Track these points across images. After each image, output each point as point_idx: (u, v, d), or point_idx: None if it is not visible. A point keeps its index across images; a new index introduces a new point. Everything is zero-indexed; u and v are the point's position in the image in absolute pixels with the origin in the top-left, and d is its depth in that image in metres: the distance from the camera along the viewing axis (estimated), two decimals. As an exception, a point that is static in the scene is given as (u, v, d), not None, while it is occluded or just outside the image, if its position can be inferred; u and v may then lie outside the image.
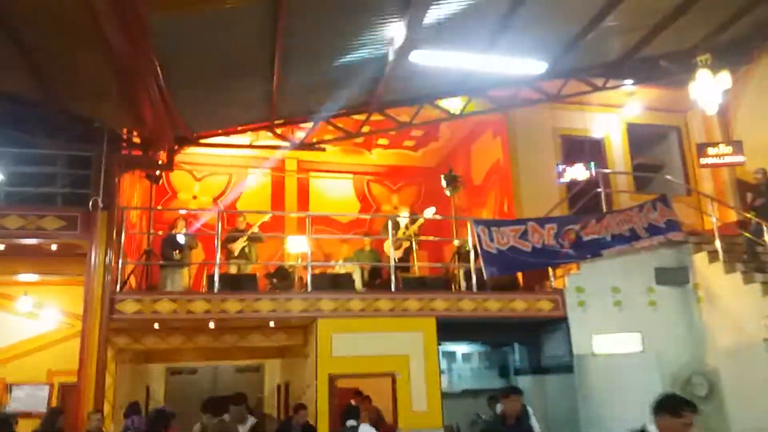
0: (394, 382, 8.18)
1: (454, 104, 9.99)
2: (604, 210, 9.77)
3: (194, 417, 7.18)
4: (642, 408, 7.82)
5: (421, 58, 6.84)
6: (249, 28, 6.54)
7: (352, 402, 8.82)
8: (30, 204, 7.57)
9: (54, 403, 9.03)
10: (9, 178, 7.73)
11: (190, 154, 11.88)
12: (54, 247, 7.85)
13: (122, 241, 7.95)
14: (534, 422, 6.78)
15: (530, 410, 7.91)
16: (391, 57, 7.55)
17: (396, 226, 10.00)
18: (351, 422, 6.63)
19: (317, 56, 7.40)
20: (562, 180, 9.98)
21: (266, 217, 10.23)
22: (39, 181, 7.80)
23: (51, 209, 7.59)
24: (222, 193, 12.53)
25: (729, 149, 10.21)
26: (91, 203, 6.60)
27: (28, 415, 8.62)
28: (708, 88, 8.40)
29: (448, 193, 10.46)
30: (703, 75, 8.42)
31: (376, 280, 9.78)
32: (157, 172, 9.26)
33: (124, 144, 8.36)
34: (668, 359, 8.56)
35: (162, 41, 6.08)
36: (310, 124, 9.50)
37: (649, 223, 9.43)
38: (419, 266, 10.42)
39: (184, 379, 11.65)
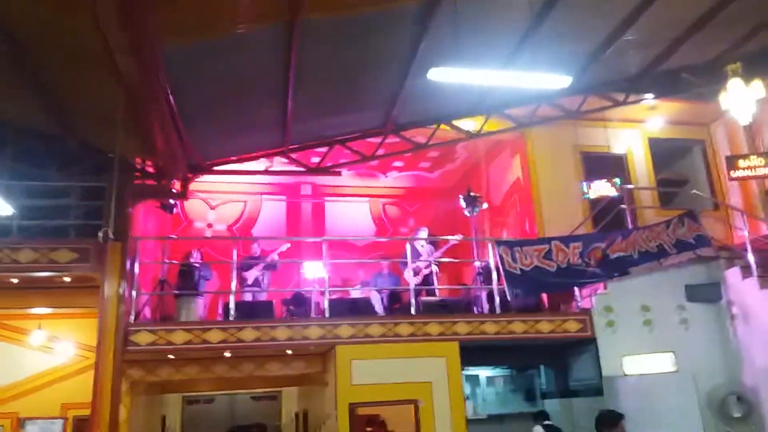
0: (417, 410, 7.87)
1: (470, 124, 9.82)
2: (630, 227, 9.46)
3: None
4: (678, 430, 7.56)
5: (440, 75, 6.66)
6: (261, 52, 6.47)
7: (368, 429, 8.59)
8: (43, 237, 7.48)
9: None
10: (22, 211, 7.66)
11: (205, 182, 11.82)
12: (67, 279, 7.73)
13: (136, 271, 7.82)
14: None
15: None
16: (407, 76, 7.40)
17: (415, 253, 9.79)
18: None
19: (331, 79, 7.30)
20: (586, 196, 9.69)
21: (285, 247, 10.05)
22: (52, 214, 7.73)
23: (63, 242, 7.49)
24: (237, 221, 12.40)
25: (761, 161, 9.84)
26: (101, 235, 6.47)
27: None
28: (740, 97, 8.09)
29: (467, 213, 10.21)
30: (734, 84, 8.11)
31: (395, 304, 9.52)
32: (172, 201, 9.15)
33: (138, 174, 8.28)
34: (702, 379, 8.18)
35: (174, 69, 6.01)
36: (324, 149, 9.36)
37: (677, 239, 9.09)
38: (440, 289, 10.15)
39: (200, 408, 11.47)
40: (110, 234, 6.10)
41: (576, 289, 8.98)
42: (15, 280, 7.71)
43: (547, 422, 7.85)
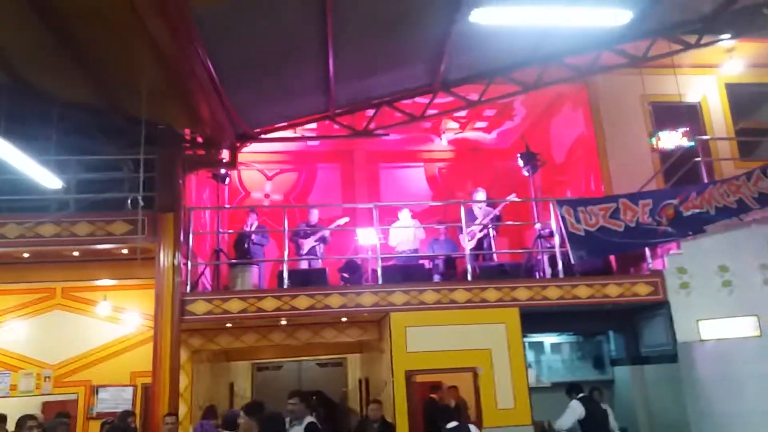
0: (476, 377, 7.65)
1: (528, 77, 9.23)
2: (705, 181, 8.74)
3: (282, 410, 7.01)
4: (762, 398, 7.00)
5: (484, 17, 6.15)
6: (296, 9, 6.17)
7: (434, 396, 8.44)
8: (97, 210, 7.59)
9: (138, 404, 9.16)
10: (77, 185, 7.80)
11: (260, 152, 11.87)
12: (125, 251, 7.87)
13: (190, 242, 7.86)
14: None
15: (609, 411, 7.27)
16: (453, 23, 6.91)
17: (471, 216, 9.42)
18: (452, 424, 6.13)
19: (372, 32, 6.92)
20: (651, 140, 8.98)
21: (343, 221, 9.92)
22: (106, 187, 7.84)
23: (118, 214, 7.59)
24: (293, 190, 12.36)
25: None
26: (130, 201, 6.47)
27: (113, 415, 8.76)
28: None
29: (526, 173, 9.72)
30: None
31: (451, 270, 9.23)
32: (222, 171, 9.14)
33: (188, 144, 8.27)
34: (790, 344, 7.53)
35: (208, 32, 5.83)
36: (372, 112, 9.06)
37: (760, 192, 8.34)
38: (498, 253, 9.77)
39: (269, 375, 11.75)
40: (140, 201, 6.04)
41: (646, 249, 8.42)
42: (76, 253, 7.92)
43: (582, 394, 7.42)
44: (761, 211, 8.27)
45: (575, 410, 7.33)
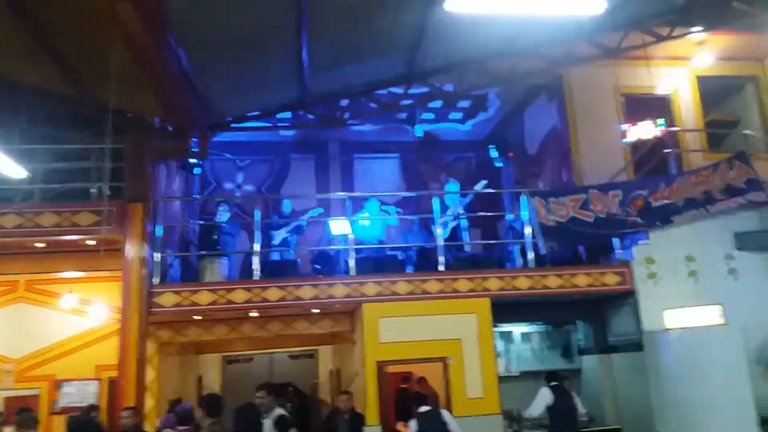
0: (446, 367, 7.68)
1: (502, 68, 9.21)
2: (674, 172, 8.85)
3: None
4: (724, 386, 7.14)
5: (459, 4, 6.11)
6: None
7: (405, 386, 8.46)
8: (63, 200, 7.43)
9: (104, 398, 9.02)
10: (42, 175, 7.62)
11: (232, 143, 11.71)
12: (91, 242, 7.72)
13: (159, 233, 7.74)
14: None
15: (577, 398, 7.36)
16: (429, 11, 6.85)
17: (444, 206, 9.40)
18: (425, 408, 6.19)
19: (347, 20, 6.83)
20: (626, 140, 9.06)
21: (316, 212, 9.82)
22: (72, 177, 7.68)
23: (85, 204, 7.45)
24: (265, 180, 12.23)
25: (821, 95, 8.99)
26: (97, 188, 6.33)
27: (78, 410, 8.63)
28: None
29: (498, 164, 9.74)
30: None
31: (423, 260, 9.22)
32: (192, 161, 9.00)
33: (157, 133, 8.11)
34: (752, 333, 7.68)
35: (177, 18, 5.71)
36: (346, 102, 8.98)
37: (726, 184, 8.44)
38: (470, 244, 9.79)
39: (240, 368, 11.63)
40: (107, 190, 5.92)
41: (615, 240, 8.49)
42: (41, 245, 7.76)
43: (554, 383, 7.51)
44: (727, 203, 8.39)
45: (544, 397, 7.40)
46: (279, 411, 6.15)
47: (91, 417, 7.23)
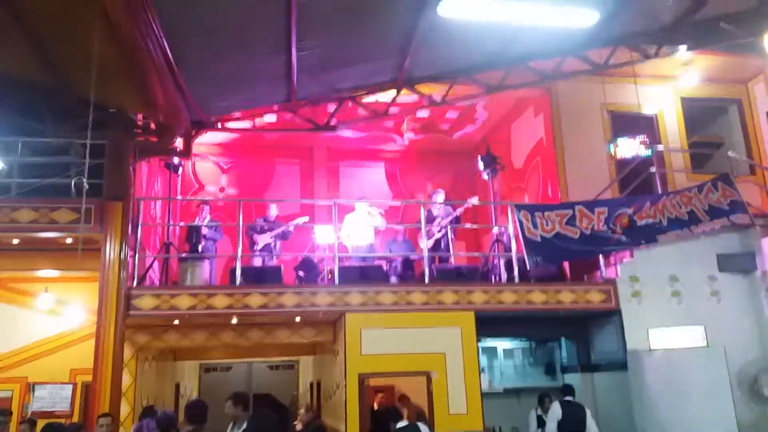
0: (429, 382, 7.56)
1: (492, 79, 9.22)
2: (659, 191, 8.91)
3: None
4: (706, 407, 7.15)
5: (451, 9, 6.08)
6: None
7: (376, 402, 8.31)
8: (42, 196, 7.19)
9: (77, 403, 8.75)
10: (20, 169, 7.37)
11: (216, 144, 11.55)
12: (69, 240, 7.47)
13: (139, 233, 7.53)
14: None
15: (588, 411, 7.28)
16: (419, 16, 6.80)
17: (430, 217, 9.33)
18: (401, 423, 6.06)
19: (337, 23, 6.73)
20: (609, 148, 9.09)
21: (302, 220, 9.65)
22: (52, 172, 7.43)
23: (63, 201, 7.17)
24: (249, 184, 12.06)
25: (804, 118, 9.14)
26: (73, 184, 6.13)
27: (50, 415, 8.36)
28: None
29: (486, 176, 9.71)
30: None
31: (408, 271, 9.14)
32: (176, 160, 8.81)
33: (140, 130, 7.93)
34: (734, 355, 7.74)
35: (164, 9, 5.57)
36: (334, 106, 8.88)
37: (709, 205, 8.56)
38: (456, 256, 9.73)
39: (218, 376, 11.41)
40: (85, 184, 5.72)
41: (600, 257, 8.49)
42: (16, 241, 7.48)
43: (567, 398, 7.46)
44: (710, 224, 8.47)
45: (555, 412, 7.37)
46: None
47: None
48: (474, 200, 9.48)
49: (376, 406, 7.66)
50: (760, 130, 10.68)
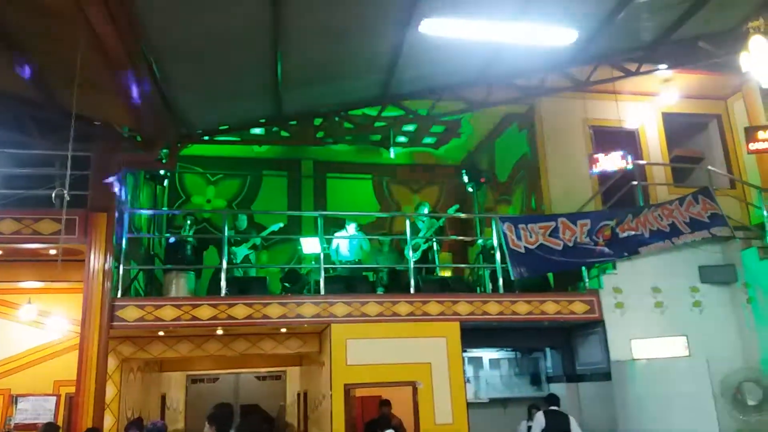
0: (415, 392, 7.57)
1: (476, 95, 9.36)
2: (641, 204, 9.05)
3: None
4: (690, 417, 7.22)
5: (433, 28, 6.21)
6: (245, 8, 6.02)
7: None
8: (26, 207, 7.17)
9: (61, 415, 8.64)
10: (4, 180, 7.36)
11: (203, 157, 11.57)
12: (53, 251, 7.44)
13: (123, 244, 7.53)
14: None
15: (573, 420, 7.31)
16: (405, 34, 6.92)
17: (415, 228, 9.39)
18: None
19: (322, 39, 6.83)
20: (594, 171, 9.25)
21: (276, 226, 9.67)
22: (36, 183, 7.42)
23: (47, 212, 7.16)
24: (236, 197, 12.09)
25: (781, 133, 9.31)
26: (54, 195, 6.14)
27: (33, 427, 8.25)
28: (763, 57, 7.43)
29: (470, 189, 9.81)
30: (757, 42, 7.46)
31: (394, 282, 9.18)
32: (161, 172, 8.82)
33: (125, 143, 7.93)
34: (716, 364, 7.79)
35: (148, 24, 5.64)
36: (320, 120, 8.96)
37: (691, 218, 8.74)
38: (441, 267, 9.79)
39: (204, 388, 11.30)
40: (66, 196, 5.72)
41: (583, 268, 8.59)
42: (-1, 252, 7.45)
43: (552, 407, 7.49)
44: (692, 235, 8.61)
45: (539, 422, 7.40)
46: None
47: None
48: (453, 209, 9.54)
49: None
50: (740, 145, 10.88)
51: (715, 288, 8.56)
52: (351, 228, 9.86)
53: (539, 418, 7.42)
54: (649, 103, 11.03)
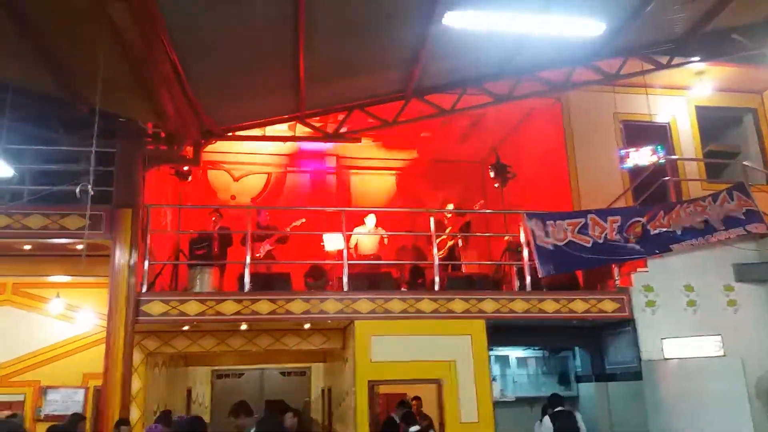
0: (440, 389, 7.47)
1: (500, 89, 9.19)
2: (673, 200, 8.80)
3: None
4: (724, 419, 7.00)
5: (458, 20, 6.10)
6: (268, 4, 5.98)
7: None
8: (52, 203, 7.24)
9: (89, 407, 8.76)
10: (32, 176, 7.44)
11: (228, 153, 11.59)
12: (79, 246, 7.50)
13: (148, 240, 7.56)
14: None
15: (578, 416, 7.18)
16: (428, 28, 6.81)
17: (440, 225, 9.26)
18: (414, 428, 5.98)
19: (345, 34, 6.77)
20: (625, 165, 9.02)
21: (298, 222, 9.62)
22: (62, 180, 7.49)
23: (74, 208, 7.22)
24: (260, 193, 12.09)
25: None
26: (78, 190, 6.20)
27: (62, 418, 8.34)
28: None
29: (496, 185, 9.65)
30: None
31: (418, 279, 9.07)
32: (185, 168, 8.85)
33: (150, 139, 7.97)
34: (752, 365, 7.60)
35: (172, 22, 5.62)
36: (343, 115, 8.89)
37: (725, 215, 8.45)
38: (466, 264, 9.65)
39: (230, 383, 11.36)
40: (90, 190, 5.74)
41: (613, 266, 8.38)
42: (27, 247, 7.55)
43: (558, 409, 7.35)
44: (726, 233, 8.34)
45: (546, 426, 7.31)
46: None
47: (77, 429, 6.90)
48: (480, 205, 9.38)
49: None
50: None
51: (751, 286, 8.28)
52: (370, 221, 9.73)
53: (546, 423, 7.31)
54: (682, 96, 10.73)
